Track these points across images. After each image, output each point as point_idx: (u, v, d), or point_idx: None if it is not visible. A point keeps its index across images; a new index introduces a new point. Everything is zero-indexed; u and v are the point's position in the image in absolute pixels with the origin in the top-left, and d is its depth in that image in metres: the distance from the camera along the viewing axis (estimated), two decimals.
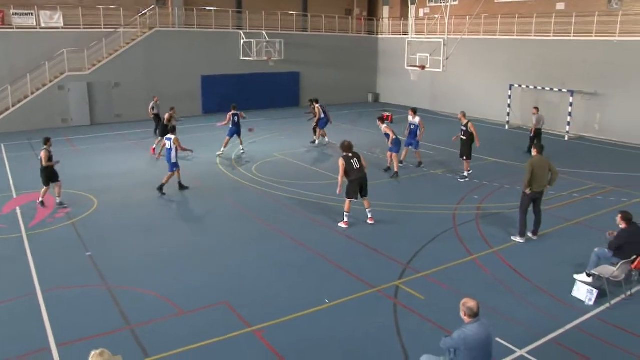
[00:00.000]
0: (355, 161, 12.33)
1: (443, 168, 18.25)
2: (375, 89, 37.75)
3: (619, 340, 7.98)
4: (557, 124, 25.28)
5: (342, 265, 10.47)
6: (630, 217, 9.53)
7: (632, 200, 14.72)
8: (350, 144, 12.53)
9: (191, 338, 7.81)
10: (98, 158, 19.27)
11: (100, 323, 8.22)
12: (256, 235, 12.17)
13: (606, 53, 23.92)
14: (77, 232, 12.09)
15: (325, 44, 34.33)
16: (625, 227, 9.48)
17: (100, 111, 26.64)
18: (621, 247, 9.36)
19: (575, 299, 9.20)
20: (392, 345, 7.76)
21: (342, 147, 12.53)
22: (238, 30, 30.75)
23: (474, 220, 13.20)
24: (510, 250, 11.33)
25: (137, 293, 9.28)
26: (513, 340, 7.81)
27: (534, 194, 11.59)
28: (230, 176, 16.96)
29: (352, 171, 12.26)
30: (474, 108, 29.83)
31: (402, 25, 35.85)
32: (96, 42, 26.30)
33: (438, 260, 10.69)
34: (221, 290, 9.43)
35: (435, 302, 9.03)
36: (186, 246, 11.48)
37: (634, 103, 23.17)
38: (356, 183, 12.34)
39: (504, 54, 28.61)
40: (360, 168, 12.33)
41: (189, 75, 29.25)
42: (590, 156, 21.03)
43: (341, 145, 12.62)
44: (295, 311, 8.65)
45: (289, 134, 24.40)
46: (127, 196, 14.84)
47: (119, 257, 10.81)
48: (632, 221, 9.50)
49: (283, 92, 33.13)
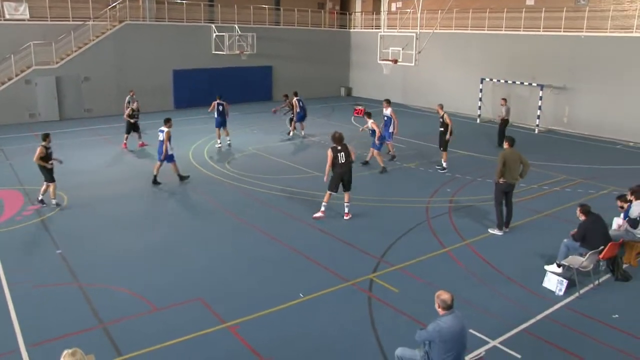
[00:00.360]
0: (341, 155, 12.44)
1: (416, 161, 18.38)
2: (348, 82, 37.80)
3: (587, 329, 8.18)
4: (527, 117, 25.71)
5: (316, 260, 10.48)
6: (588, 208, 9.80)
7: (599, 192, 15.05)
8: (340, 136, 12.57)
9: (165, 335, 7.74)
10: (68, 154, 18.77)
11: (72, 322, 8.08)
12: (230, 231, 12.10)
13: (574, 48, 24.37)
14: (47, 230, 11.86)
15: (297, 38, 34.22)
16: (585, 218, 9.72)
17: (69, 106, 26.08)
18: (585, 237, 9.60)
19: (546, 289, 9.38)
20: (367, 339, 7.80)
21: (333, 139, 12.62)
22: (210, 24, 30.43)
23: (446, 213, 13.34)
24: (482, 243, 11.48)
25: (109, 290, 9.15)
26: (486, 331, 7.93)
27: (506, 185, 11.80)
28: (203, 171, 16.82)
29: (337, 165, 12.46)
30: (446, 102, 29.79)
31: (374, 19, 35.96)
32: (64, 35, 25.71)
33: (412, 253, 10.78)
34: (195, 286, 9.36)
35: (409, 295, 9.11)
36: (159, 242, 11.35)
37: (600, 97, 23.66)
38: (338, 176, 12.52)
39: (475, 48, 28.93)
40: (344, 163, 12.46)
41: (160, 70, 28.84)
42: (559, 149, 21.41)
43: (332, 136, 12.68)
44: (270, 306, 8.63)
45: (262, 128, 24.28)
46: (98, 192, 14.59)
47: (90, 255, 10.63)
48: (590, 212, 9.77)
49: (256, 86, 32.94)
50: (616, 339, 7.89)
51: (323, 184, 12.98)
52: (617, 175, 17.14)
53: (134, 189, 14.94)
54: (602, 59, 23.41)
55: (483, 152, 20.10)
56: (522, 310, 8.65)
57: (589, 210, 9.78)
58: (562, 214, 13.24)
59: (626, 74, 22.67)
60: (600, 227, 9.63)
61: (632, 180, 15.47)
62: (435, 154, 18.93)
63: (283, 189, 15.03)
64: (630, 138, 22.77)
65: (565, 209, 13.66)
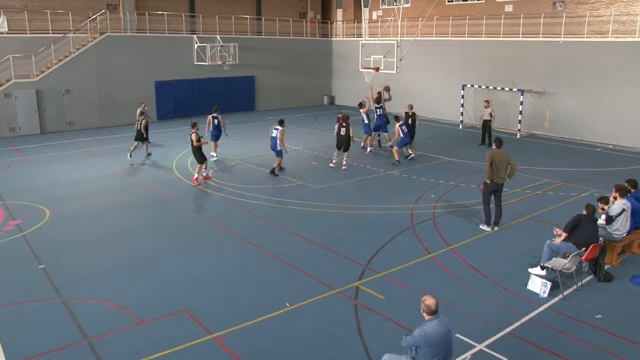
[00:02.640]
0: (342, 129, 17.97)
1: (399, 168, 18.47)
2: (330, 91, 37.94)
3: (572, 330, 8.26)
4: (509, 122, 25.98)
5: (301, 268, 10.47)
6: (593, 208, 9.96)
7: (580, 195, 15.24)
8: (347, 116, 18.34)
9: (151, 348, 7.67)
10: (49, 168, 18.70)
11: (56, 338, 7.97)
12: (214, 240, 12.05)
13: (553, 53, 24.73)
14: (29, 245, 11.70)
15: (279, 48, 34.31)
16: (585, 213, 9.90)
17: (50, 119, 25.82)
18: (575, 228, 9.80)
19: (531, 291, 9.47)
20: (354, 346, 7.80)
21: (343, 117, 18.25)
22: (192, 35, 30.41)
23: (431, 219, 13.41)
24: (467, 247, 11.55)
25: (93, 305, 9.05)
26: (472, 335, 7.97)
27: (494, 184, 12.22)
28: (186, 182, 16.73)
29: (338, 134, 18.20)
30: (428, 108, 30.38)
31: (355, 28, 36.18)
32: (44, 48, 25.49)
33: (397, 260, 10.81)
34: (180, 297, 9.30)
35: (395, 302, 9.13)
36: (143, 254, 11.26)
37: (580, 101, 24.02)
38: (338, 142, 18.30)
39: (456, 55, 29.21)
40: (344, 136, 17.96)
41: (142, 81, 28.69)
42: (541, 153, 21.65)
43: (343, 115, 18.41)
44: (256, 316, 8.60)
45: (245, 138, 24.25)
46: (80, 206, 14.45)
47: (73, 269, 10.51)
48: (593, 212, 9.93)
49: (238, 96, 32.93)
50: (600, 339, 7.99)
51: (308, 193, 13.45)
52: (597, 177, 17.37)
53: (117, 202, 14.83)
54: (581, 64, 23.78)
55: (466, 157, 20.25)
56: (507, 313, 8.72)
57: (593, 210, 9.94)
58: (544, 217, 13.38)
59: (604, 78, 23.06)
60: (592, 226, 9.84)
61: (612, 183, 15.70)
62: (418, 160, 19.36)
63: (267, 199, 15.01)
64: (609, 141, 23.10)
65: (547, 211, 13.81)
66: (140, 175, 17.45)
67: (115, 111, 27.74)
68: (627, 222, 10.45)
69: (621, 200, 10.53)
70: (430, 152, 21.22)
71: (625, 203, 10.51)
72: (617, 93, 22.70)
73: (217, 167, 18.74)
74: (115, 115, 27.76)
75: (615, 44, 22.83)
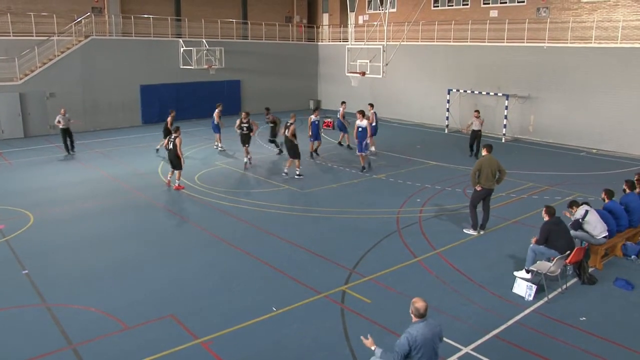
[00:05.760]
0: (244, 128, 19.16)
1: (385, 172, 18.53)
2: (316, 95, 37.98)
3: (556, 332, 8.33)
4: (494, 126, 26.18)
5: (287, 272, 10.45)
6: (553, 210, 10.08)
7: (565, 198, 15.38)
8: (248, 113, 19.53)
9: (137, 354, 7.61)
10: (33, 172, 18.50)
11: (40, 344, 7.88)
12: (200, 245, 11.99)
13: (537, 58, 24.98)
14: (12, 250, 11.56)
15: (265, 52, 34.31)
16: (548, 219, 10.02)
17: (34, 123, 25.54)
18: (548, 239, 9.88)
19: (516, 295, 9.54)
20: (341, 350, 7.80)
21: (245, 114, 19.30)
22: (177, 39, 30.30)
23: (417, 223, 13.46)
24: (452, 251, 11.61)
25: (78, 310, 8.96)
26: (458, 338, 8.01)
27: (484, 190, 12.38)
28: (171, 186, 16.63)
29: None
30: (414, 113, 30.59)
31: (342, 32, 36.29)
32: (28, 51, 25.25)
33: (383, 264, 10.84)
34: (166, 302, 9.24)
35: (382, 305, 9.15)
36: (128, 259, 11.18)
37: (564, 105, 24.29)
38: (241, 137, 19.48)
39: (441, 60, 29.40)
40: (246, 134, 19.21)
41: (127, 85, 28.52)
42: (526, 157, 21.84)
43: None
44: (243, 320, 8.57)
45: (230, 142, 24.16)
46: (64, 211, 14.32)
47: (57, 274, 10.40)
48: (554, 214, 10.05)
49: (224, 100, 32.62)
50: (584, 341, 8.07)
51: (293, 198, 13.37)
52: (581, 181, 17.57)
53: (102, 206, 14.71)
54: (565, 69, 24.05)
55: (451, 162, 20.37)
56: (493, 317, 8.77)
57: (553, 212, 10.05)
58: (529, 221, 13.49)
59: (587, 83, 23.34)
60: (562, 229, 9.94)
61: (596, 186, 15.95)
62: (404, 164, 19.38)
63: (252, 203, 14.98)
64: (593, 145, 23.37)
65: (532, 215, 13.92)
66: (124, 180, 17.32)
67: (99, 115, 27.56)
68: (600, 223, 10.62)
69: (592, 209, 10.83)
70: (416, 156, 21.32)
71: (587, 206, 10.85)
72: (600, 98, 22.99)
73: (202, 171, 18.65)
74: (100, 119, 27.58)
75: (598, 49, 23.14)
